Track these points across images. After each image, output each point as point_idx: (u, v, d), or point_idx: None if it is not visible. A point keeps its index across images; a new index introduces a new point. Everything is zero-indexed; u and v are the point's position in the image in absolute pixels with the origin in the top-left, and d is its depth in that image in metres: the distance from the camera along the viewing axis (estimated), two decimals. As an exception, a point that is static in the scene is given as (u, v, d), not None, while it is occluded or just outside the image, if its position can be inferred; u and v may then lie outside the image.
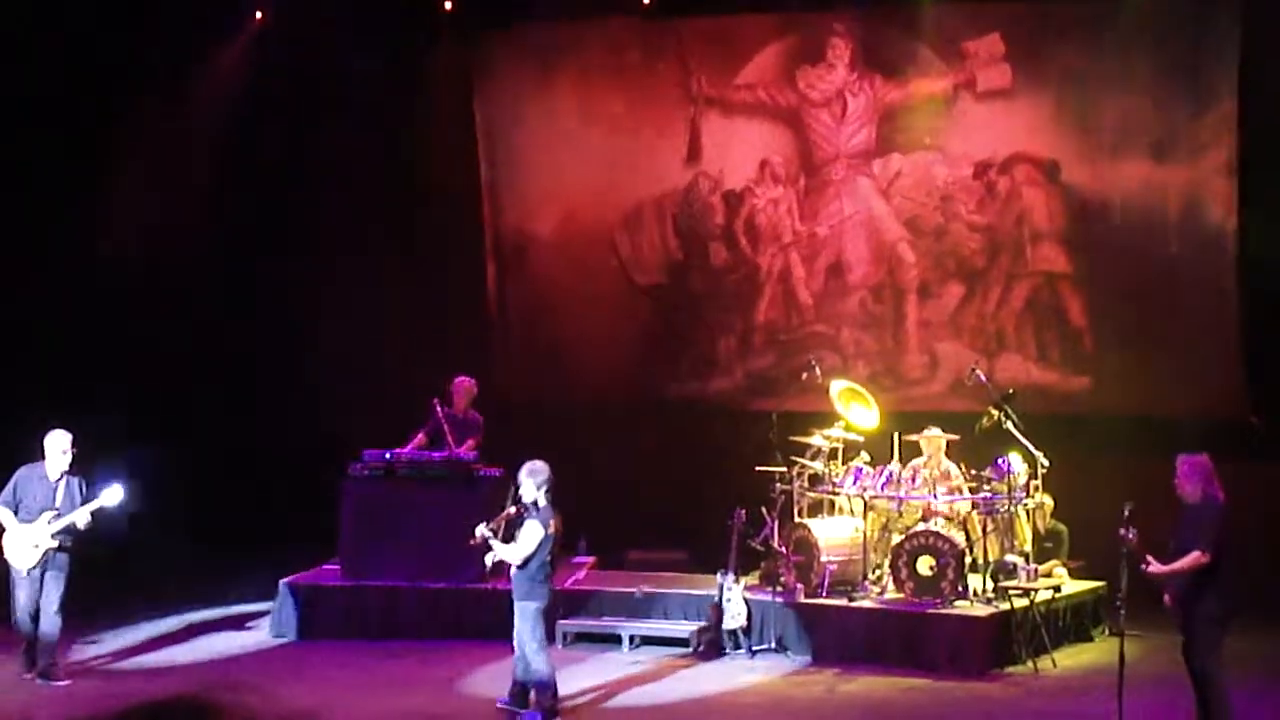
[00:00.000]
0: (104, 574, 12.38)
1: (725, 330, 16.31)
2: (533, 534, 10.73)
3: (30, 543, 11.62)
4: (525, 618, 10.82)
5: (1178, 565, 9.87)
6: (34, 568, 11.64)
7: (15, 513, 11.69)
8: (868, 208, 15.85)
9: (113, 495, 11.66)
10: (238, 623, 13.98)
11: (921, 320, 15.74)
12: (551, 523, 10.79)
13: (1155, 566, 9.88)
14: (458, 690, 11.77)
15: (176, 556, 14.76)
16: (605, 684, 11.92)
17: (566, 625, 13.07)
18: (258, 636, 13.49)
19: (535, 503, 10.78)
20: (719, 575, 12.77)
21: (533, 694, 10.93)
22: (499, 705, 11.07)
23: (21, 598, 11.68)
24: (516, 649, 10.94)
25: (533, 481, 10.76)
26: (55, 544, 11.64)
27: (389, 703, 11.38)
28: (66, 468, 11.75)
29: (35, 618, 11.70)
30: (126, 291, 15.96)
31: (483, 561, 11.20)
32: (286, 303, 16.51)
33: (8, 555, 11.71)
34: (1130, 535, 9.84)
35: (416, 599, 13.38)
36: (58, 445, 11.72)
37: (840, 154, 15.86)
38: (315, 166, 16.48)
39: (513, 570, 10.83)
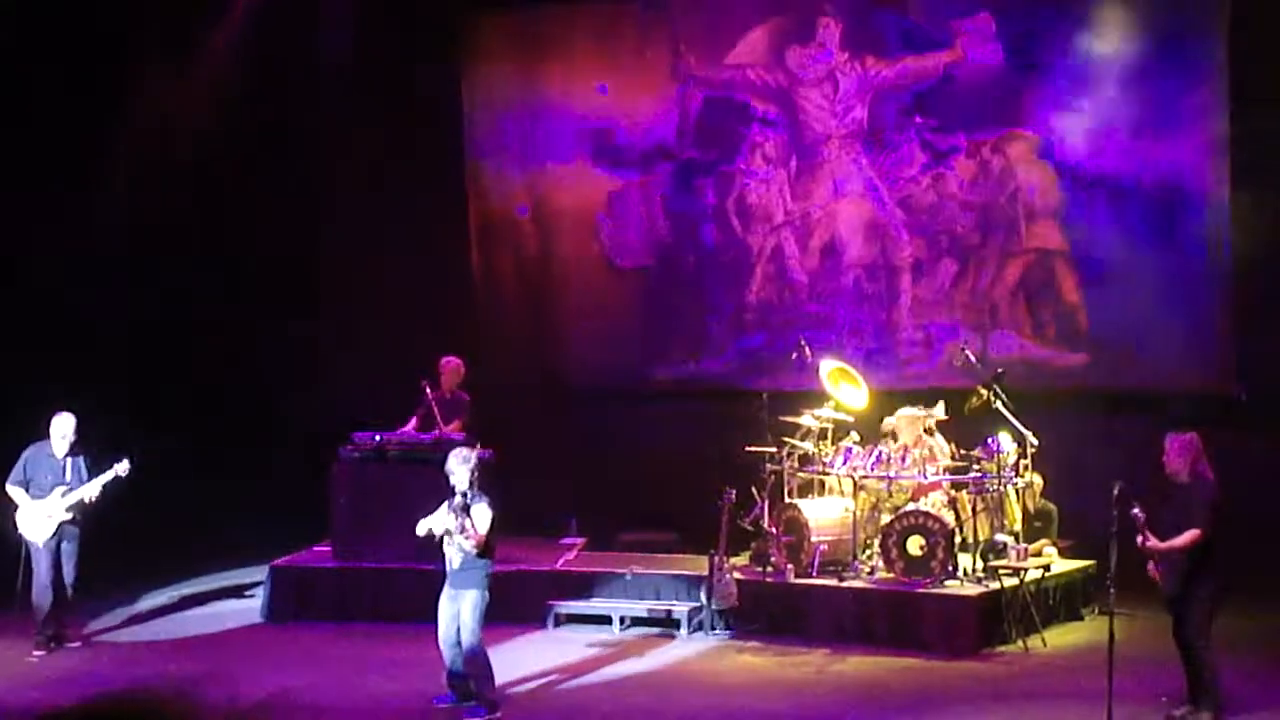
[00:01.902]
0: (95, 550, 12.57)
1: (716, 310, 16.26)
2: (486, 516, 10.47)
3: (44, 514, 12.21)
4: (474, 605, 10.50)
5: (1176, 542, 9.88)
6: (50, 539, 12.23)
7: (26, 490, 12.29)
8: (860, 187, 15.80)
9: (121, 468, 12.35)
10: (224, 596, 14.24)
11: (915, 298, 15.69)
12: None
13: (1154, 542, 9.88)
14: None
15: (166, 538, 14.76)
16: (593, 665, 11.94)
17: (557, 607, 13.09)
18: (248, 619, 13.52)
19: (472, 487, 10.50)
20: (710, 556, 12.77)
21: (474, 685, 10.63)
22: (438, 705, 10.72)
23: (42, 568, 12.22)
24: (449, 638, 10.58)
25: (466, 468, 10.49)
26: (69, 516, 12.26)
27: (380, 685, 11.38)
28: (69, 448, 12.36)
29: (54, 588, 12.23)
30: (123, 275, 15.92)
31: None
32: (281, 287, 16.47)
33: (24, 530, 12.26)
34: (1138, 512, 9.81)
35: (408, 581, 13.34)
36: (62, 429, 12.35)
37: (832, 134, 15.81)
38: (303, 151, 16.40)
39: (463, 559, 10.52)
